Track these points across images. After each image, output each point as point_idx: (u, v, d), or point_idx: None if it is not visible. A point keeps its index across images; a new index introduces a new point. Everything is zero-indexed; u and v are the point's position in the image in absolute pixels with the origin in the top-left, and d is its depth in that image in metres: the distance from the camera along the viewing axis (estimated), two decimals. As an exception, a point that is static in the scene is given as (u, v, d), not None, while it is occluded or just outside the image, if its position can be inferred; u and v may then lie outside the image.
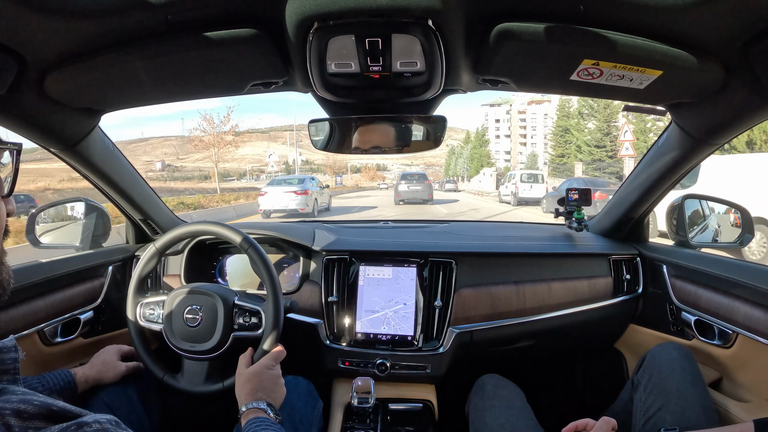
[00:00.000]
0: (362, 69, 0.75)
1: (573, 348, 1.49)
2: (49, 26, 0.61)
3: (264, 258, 0.99)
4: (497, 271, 1.27)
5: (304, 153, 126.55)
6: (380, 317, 1.22)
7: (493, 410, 0.98)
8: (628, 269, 1.31)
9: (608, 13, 0.63)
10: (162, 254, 1.06)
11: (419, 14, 0.62)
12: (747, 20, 0.61)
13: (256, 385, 0.84)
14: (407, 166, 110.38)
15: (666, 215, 1.31)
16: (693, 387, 0.89)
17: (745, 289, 0.95)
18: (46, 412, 0.38)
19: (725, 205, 1.34)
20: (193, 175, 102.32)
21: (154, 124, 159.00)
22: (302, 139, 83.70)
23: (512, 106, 70.81)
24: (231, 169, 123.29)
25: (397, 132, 0.99)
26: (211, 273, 1.36)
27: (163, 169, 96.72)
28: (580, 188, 1.38)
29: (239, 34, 0.67)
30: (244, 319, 0.97)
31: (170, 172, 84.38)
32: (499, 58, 0.73)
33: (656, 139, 1.16)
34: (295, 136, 47.87)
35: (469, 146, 48.20)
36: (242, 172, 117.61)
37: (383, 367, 1.18)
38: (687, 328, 1.12)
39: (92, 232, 1.30)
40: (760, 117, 0.83)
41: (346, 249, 1.28)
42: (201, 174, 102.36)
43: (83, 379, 0.92)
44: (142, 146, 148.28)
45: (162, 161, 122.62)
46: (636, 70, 0.72)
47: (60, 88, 0.77)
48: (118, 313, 1.19)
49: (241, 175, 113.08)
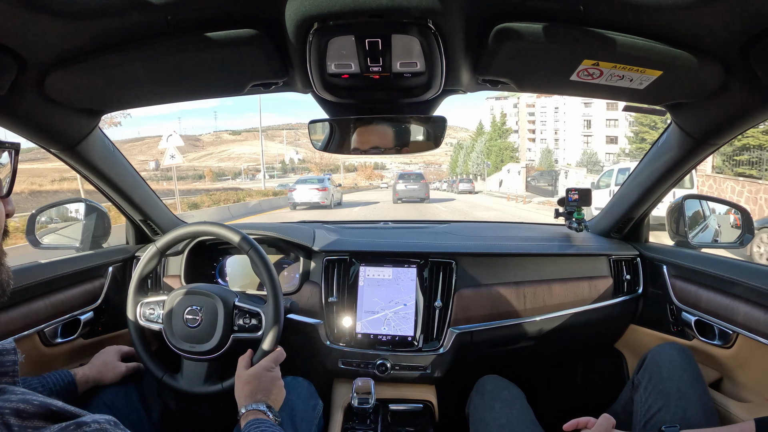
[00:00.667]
0: (362, 69, 0.75)
1: (573, 348, 1.49)
2: (50, 27, 0.61)
3: (264, 259, 0.99)
4: (497, 272, 1.27)
5: (301, 151, 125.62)
6: (380, 318, 1.22)
7: (494, 411, 0.98)
8: (628, 269, 1.31)
9: (608, 13, 0.63)
10: (162, 255, 1.06)
11: (419, 15, 0.62)
12: (746, 20, 0.61)
13: (255, 386, 0.84)
14: (405, 164, 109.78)
15: (666, 215, 1.31)
16: (693, 387, 0.89)
17: (746, 289, 0.95)
18: (46, 412, 0.38)
19: (725, 206, 1.35)
20: (187, 174, 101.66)
21: (151, 123, 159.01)
22: (300, 137, 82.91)
23: (520, 98, 65.36)
24: (227, 168, 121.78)
25: (396, 132, 0.99)
26: (211, 273, 1.36)
27: (156, 169, 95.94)
28: (580, 188, 1.38)
29: (239, 34, 0.67)
30: (244, 321, 0.97)
31: (164, 171, 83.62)
32: (499, 59, 0.73)
33: (656, 139, 1.16)
34: (285, 134, 47.12)
35: (482, 138, 39.25)
36: (237, 171, 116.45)
37: (383, 368, 1.18)
38: (687, 328, 1.12)
39: (92, 232, 1.31)
40: (759, 117, 0.83)
41: (346, 249, 1.28)
42: (195, 173, 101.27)
43: (83, 380, 0.92)
44: (138, 145, 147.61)
45: (156, 160, 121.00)
46: (636, 70, 0.72)
47: (60, 89, 0.77)
48: (118, 313, 1.19)
49: (236, 174, 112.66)
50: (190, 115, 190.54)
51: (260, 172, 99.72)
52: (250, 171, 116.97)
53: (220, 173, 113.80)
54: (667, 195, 1.23)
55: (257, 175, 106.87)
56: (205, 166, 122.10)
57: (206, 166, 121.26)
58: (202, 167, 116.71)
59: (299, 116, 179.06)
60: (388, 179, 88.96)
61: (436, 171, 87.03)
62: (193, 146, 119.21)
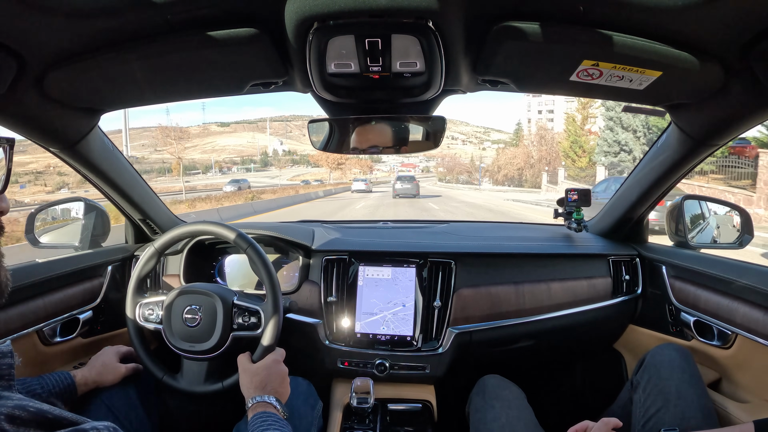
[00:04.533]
0: (362, 69, 0.75)
1: (572, 348, 1.49)
2: (50, 25, 0.61)
3: (263, 258, 0.99)
4: (496, 272, 1.27)
5: (287, 143, 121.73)
6: (379, 320, 1.22)
7: (494, 410, 0.98)
8: (627, 270, 1.31)
9: (608, 13, 0.63)
10: (161, 254, 1.06)
11: (419, 15, 0.62)
12: (746, 21, 0.61)
13: (264, 378, 0.84)
14: (405, 157, 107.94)
15: (665, 216, 1.31)
16: (692, 388, 0.89)
17: (745, 290, 0.95)
18: (41, 419, 0.37)
19: (725, 206, 1.35)
20: (153, 168, 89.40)
21: (138, 115, 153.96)
22: (292, 129, 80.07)
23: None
24: (201, 160, 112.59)
25: (396, 132, 0.99)
26: (210, 273, 1.36)
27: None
28: (579, 189, 1.38)
29: (239, 34, 0.67)
30: (243, 319, 0.97)
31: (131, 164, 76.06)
32: (499, 59, 0.73)
33: (655, 140, 1.16)
34: (269, 124, 46.42)
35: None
36: (209, 164, 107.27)
37: (382, 368, 1.18)
38: (686, 328, 1.12)
39: (91, 231, 1.30)
40: (759, 118, 0.83)
41: (345, 249, 1.28)
42: (164, 167, 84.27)
43: (83, 381, 0.91)
44: (120, 137, 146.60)
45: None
46: (635, 71, 0.72)
47: (60, 88, 0.77)
48: (117, 313, 1.19)
49: (207, 168, 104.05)
50: (181, 108, 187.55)
51: (236, 165, 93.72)
52: (226, 164, 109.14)
53: (190, 166, 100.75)
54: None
55: (233, 168, 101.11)
56: (188, 159, 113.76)
57: (189, 158, 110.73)
58: (172, 160, 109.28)
59: (295, 110, 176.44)
60: (378, 174, 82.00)
61: (441, 164, 78.95)
62: (178, 138, 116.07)
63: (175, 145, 28.32)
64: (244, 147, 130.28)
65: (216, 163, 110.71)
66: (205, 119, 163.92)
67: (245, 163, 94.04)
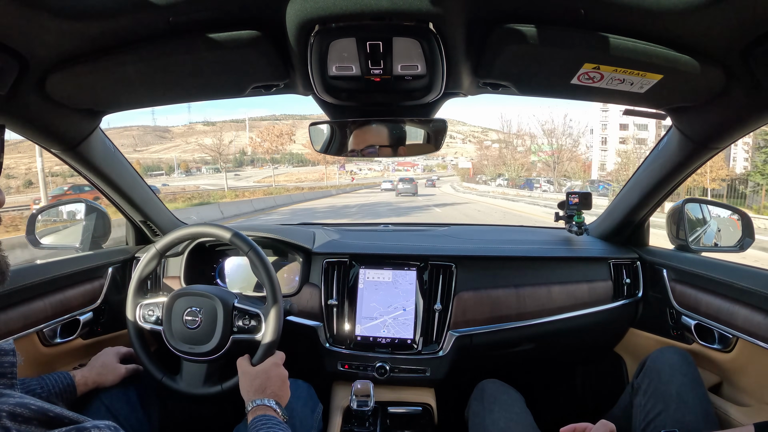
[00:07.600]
0: (363, 72, 0.75)
1: (573, 352, 1.49)
2: (51, 27, 0.61)
3: (264, 260, 0.99)
4: (497, 275, 1.27)
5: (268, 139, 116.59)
6: (379, 324, 1.22)
7: (493, 415, 0.98)
8: (628, 273, 1.31)
9: (609, 16, 0.63)
10: (162, 255, 1.06)
11: (420, 18, 0.62)
12: (747, 24, 0.61)
13: (264, 381, 0.84)
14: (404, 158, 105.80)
15: (666, 219, 1.31)
16: (693, 391, 0.89)
17: (745, 293, 0.95)
18: (42, 417, 0.38)
19: (726, 210, 1.34)
20: None
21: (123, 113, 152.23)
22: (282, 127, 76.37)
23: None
24: (168, 160, 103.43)
25: (397, 135, 0.99)
26: (210, 275, 1.36)
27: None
28: (580, 192, 1.38)
29: (241, 36, 0.67)
30: (243, 322, 0.97)
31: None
32: (500, 62, 0.73)
33: (656, 143, 1.16)
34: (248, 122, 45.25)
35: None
36: (172, 165, 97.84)
37: (383, 371, 1.17)
38: (687, 332, 1.11)
39: (92, 233, 1.30)
40: (760, 121, 0.83)
41: (346, 252, 1.28)
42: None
43: (83, 382, 0.91)
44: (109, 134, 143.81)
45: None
46: (636, 74, 0.72)
47: (61, 89, 0.78)
48: (117, 314, 1.19)
49: (170, 169, 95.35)
50: (167, 107, 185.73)
51: (206, 165, 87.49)
52: (196, 163, 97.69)
53: (153, 167, 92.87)
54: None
55: (202, 169, 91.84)
56: (169, 158, 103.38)
57: (169, 158, 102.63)
58: (167, 159, 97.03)
59: (288, 110, 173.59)
60: (372, 173, 73.99)
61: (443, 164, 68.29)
62: (160, 138, 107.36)
63: (156, 146, 27.83)
64: (225, 146, 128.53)
65: (183, 163, 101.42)
66: (191, 119, 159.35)
67: (213, 164, 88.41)
